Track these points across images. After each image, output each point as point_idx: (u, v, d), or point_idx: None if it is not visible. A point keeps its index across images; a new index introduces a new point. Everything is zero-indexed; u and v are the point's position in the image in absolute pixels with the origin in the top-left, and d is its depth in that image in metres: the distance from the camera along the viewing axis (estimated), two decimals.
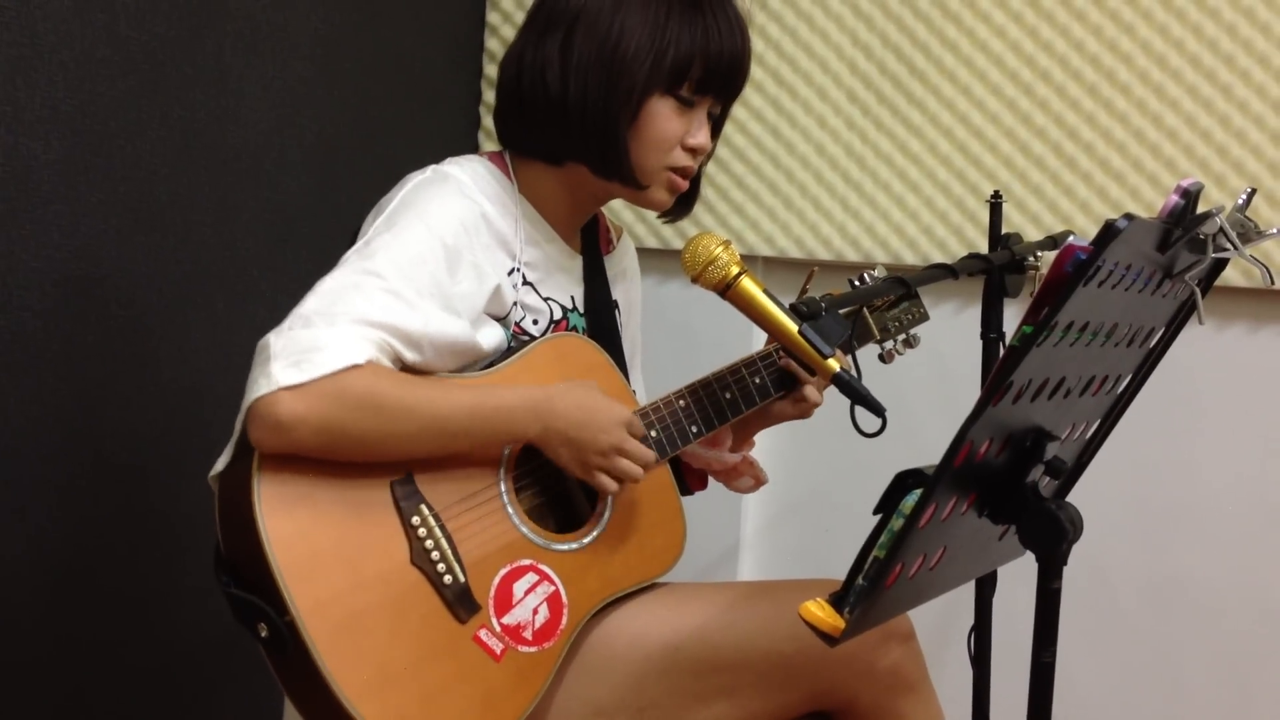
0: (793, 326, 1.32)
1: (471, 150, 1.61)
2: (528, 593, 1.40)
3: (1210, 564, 2.17)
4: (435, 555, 1.34)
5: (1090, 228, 2.15)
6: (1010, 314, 1.68)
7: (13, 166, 1.63)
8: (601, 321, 1.62)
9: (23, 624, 1.71)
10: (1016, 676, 1.30)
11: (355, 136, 2.20)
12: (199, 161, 1.90)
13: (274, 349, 1.26)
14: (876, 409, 1.33)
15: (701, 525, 1.65)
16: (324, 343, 1.26)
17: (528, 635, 1.38)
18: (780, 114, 2.36)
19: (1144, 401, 1.37)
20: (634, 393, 1.62)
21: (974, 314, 1.74)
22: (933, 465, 1.08)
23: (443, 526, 1.35)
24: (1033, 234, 2.18)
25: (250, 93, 1.98)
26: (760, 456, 1.72)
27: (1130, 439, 1.56)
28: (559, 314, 1.55)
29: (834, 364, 1.31)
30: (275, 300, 1.79)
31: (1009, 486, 1.18)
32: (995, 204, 1.80)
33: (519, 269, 1.49)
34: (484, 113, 2.52)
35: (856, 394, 1.33)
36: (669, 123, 1.48)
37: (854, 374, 1.44)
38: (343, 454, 1.30)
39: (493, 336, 1.46)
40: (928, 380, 2.21)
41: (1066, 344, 1.09)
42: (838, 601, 1.11)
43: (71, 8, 1.68)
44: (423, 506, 1.35)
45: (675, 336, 2.28)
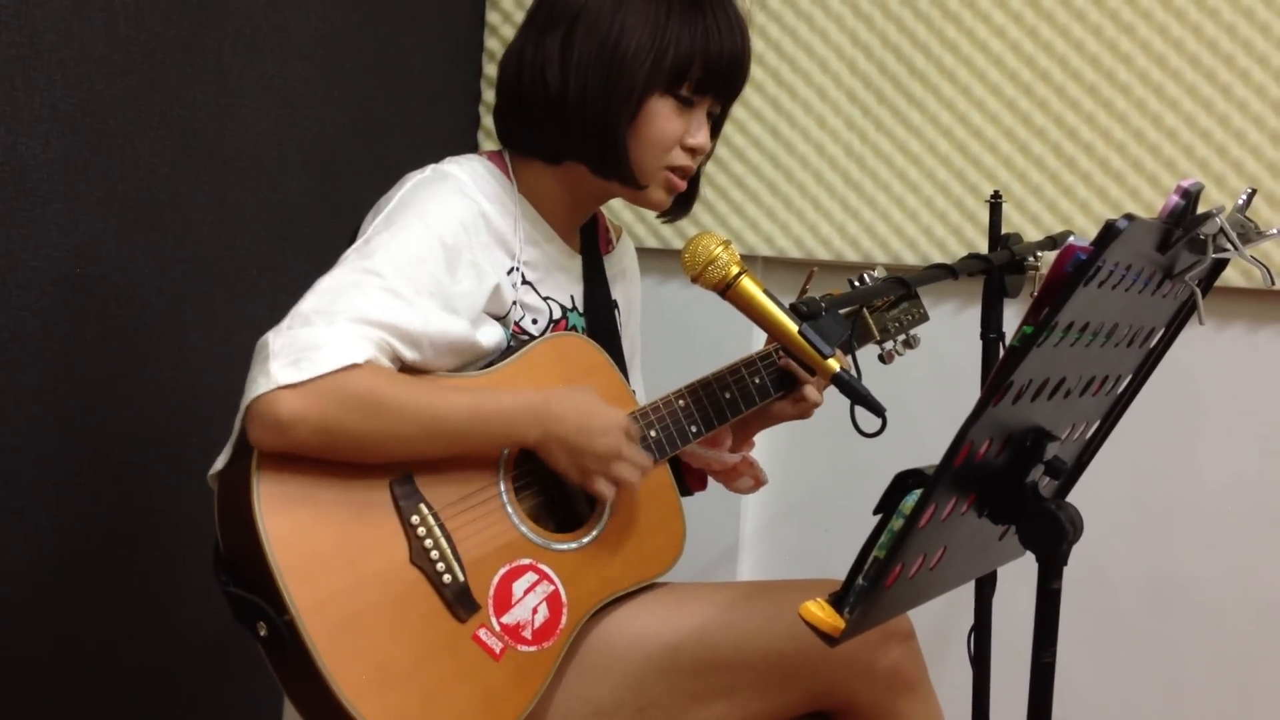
0: (793, 326, 1.32)
1: (471, 150, 1.61)
2: (527, 592, 1.40)
3: (1210, 564, 2.17)
4: (435, 554, 1.33)
5: (1090, 228, 2.15)
6: (1010, 314, 1.68)
7: (12, 166, 1.62)
8: (601, 321, 1.62)
9: (22, 623, 1.71)
10: (1016, 676, 1.29)
11: (355, 136, 2.20)
12: (198, 161, 1.90)
13: (273, 348, 1.26)
14: (876, 409, 1.33)
15: (701, 525, 1.65)
16: (323, 341, 1.26)
17: (527, 634, 1.38)
18: (780, 114, 2.36)
19: (1144, 402, 1.37)
20: (633, 393, 1.62)
21: (974, 314, 1.74)
22: (933, 465, 1.08)
23: (442, 526, 1.35)
24: (1032, 234, 2.18)
25: (250, 92, 1.98)
26: (760, 456, 1.72)
27: (1130, 439, 1.56)
28: (558, 313, 1.55)
29: (834, 364, 1.31)
30: (274, 299, 1.79)
31: (1009, 486, 1.18)
32: (995, 204, 1.80)
33: (518, 268, 1.49)
34: (483, 112, 2.52)
35: (856, 394, 1.33)
36: (668, 122, 1.48)
37: (854, 374, 1.44)
38: (341, 453, 1.30)
39: (492, 335, 1.46)
40: (928, 380, 2.21)
41: (1067, 344, 1.09)
42: (837, 601, 1.11)
43: (70, 7, 1.68)
44: (422, 506, 1.35)
45: (675, 336, 2.28)
